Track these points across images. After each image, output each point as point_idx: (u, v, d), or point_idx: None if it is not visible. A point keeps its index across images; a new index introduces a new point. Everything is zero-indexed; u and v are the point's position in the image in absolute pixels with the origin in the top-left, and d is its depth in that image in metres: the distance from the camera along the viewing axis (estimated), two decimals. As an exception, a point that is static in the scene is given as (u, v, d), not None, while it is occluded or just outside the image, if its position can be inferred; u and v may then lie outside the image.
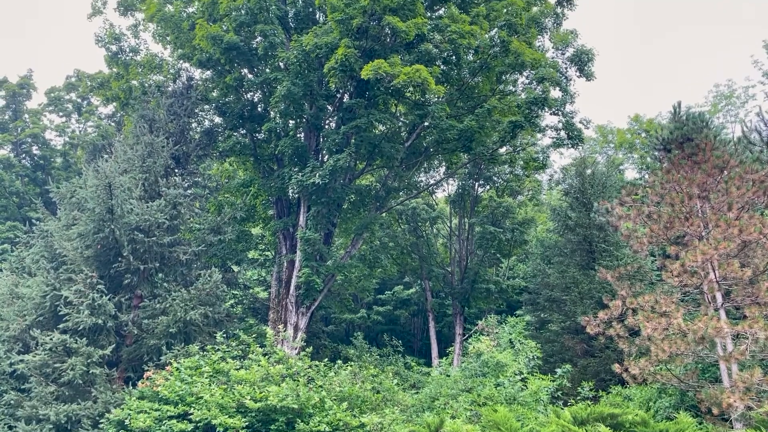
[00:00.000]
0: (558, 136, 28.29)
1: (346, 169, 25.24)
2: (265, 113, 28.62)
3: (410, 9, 22.94)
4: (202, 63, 26.50)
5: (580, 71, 27.38)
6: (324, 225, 27.27)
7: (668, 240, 16.10)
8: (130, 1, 30.06)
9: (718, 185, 15.52)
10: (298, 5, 27.10)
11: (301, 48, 23.71)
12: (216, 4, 25.29)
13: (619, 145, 51.57)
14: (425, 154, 30.27)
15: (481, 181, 39.77)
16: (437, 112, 24.57)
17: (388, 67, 21.63)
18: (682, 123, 16.18)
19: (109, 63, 30.44)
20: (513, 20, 25.61)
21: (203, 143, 26.95)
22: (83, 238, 20.21)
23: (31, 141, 48.36)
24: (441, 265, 41.17)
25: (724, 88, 46.67)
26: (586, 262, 28.20)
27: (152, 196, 22.57)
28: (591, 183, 29.48)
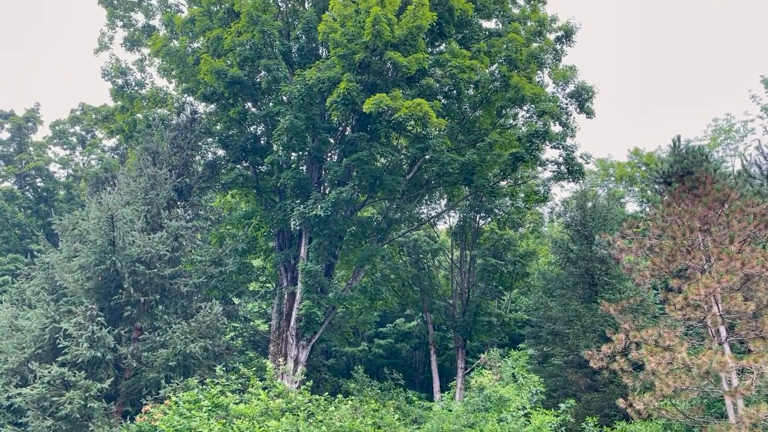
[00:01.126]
0: (559, 169, 28.43)
1: (348, 201, 25.33)
2: (267, 146, 28.87)
3: (411, 44, 23.32)
4: (206, 97, 26.84)
5: (580, 107, 27.62)
6: (325, 257, 27.24)
7: (670, 273, 16.05)
8: (137, 37, 30.62)
9: (719, 218, 15.54)
10: (301, 41, 27.55)
11: (304, 82, 24.03)
12: (221, 40, 25.72)
13: (619, 178, 51.78)
14: (426, 187, 30.41)
15: (482, 213, 39.83)
16: (438, 146, 24.76)
17: (390, 101, 21.89)
18: (681, 156, 16.29)
19: (115, 96, 30.84)
20: (513, 56, 26.00)
21: (206, 175, 27.10)
22: (84, 270, 20.19)
23: (35, 173, 48.68)
24: (443, 298, 40.96)
25: (723, 122, 47.08)
26: (588, 295, 28.06)
27: (154, 228, 22.62)
28: (592, 216, 29.51)
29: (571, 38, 29.01)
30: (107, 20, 30.72)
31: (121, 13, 30.77)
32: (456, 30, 26.65)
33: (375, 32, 22.20)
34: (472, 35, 27.37)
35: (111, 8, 30.58)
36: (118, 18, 30.79)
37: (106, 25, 30.75)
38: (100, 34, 30.63)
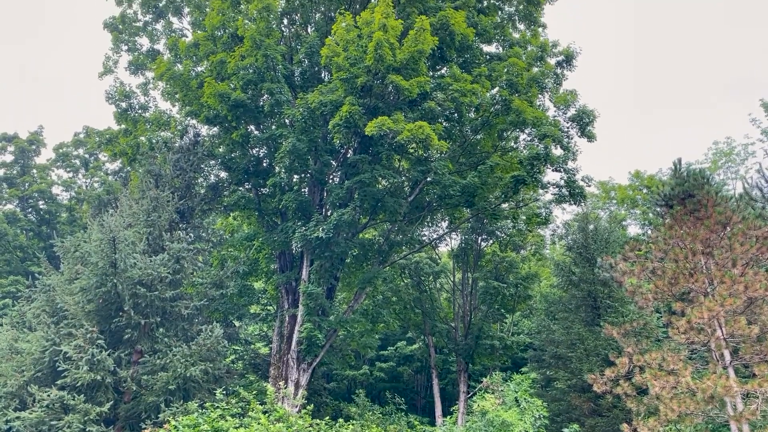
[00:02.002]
0: (560, 192, 28.47)
1: (349, 223, 25.35)
2: (270, 168, 28.98)
3: (413, 68, 23.53)
4: (210, 120, 27.02)
5: (581, 131, 27.74)
6: (327, 279, 27.17)
7: (673, 296, 15.99)
8: (141, 61, 30.95)
9: (721, 241, 15.52)
10: (304, 65, 27.82)
11: (307, 105, 24.21)
12: (224, 64, 25.98)
13: (620, 200, 51.81)
14: (428, 209, 30.44)
15: (484, 235, 39.80)
16: (440, 168, 24.84)
17: (392, 124, 22.02)
18: (683, 179, 16.33)
19: (118, 119, 31.06)
20: (514, 80, 26.21)
21: (208, 198, 27.16)
22: (85, 293, 20.15)
23: (38, 196, 48.86)
24: (444, 321, 40.75)
25: (724, 146, 47.22)
26: (591, 318, 27.92)
27: (156, 250, 22.62)
28: (594, 238, 29.50)
29: (572, 63, 29.26)
30: (112, 44, 31.08)
31: (126, 37, 31.14)
32: (457, 54, 26.90)
33: (377, 56, 22.42)
34: (473, 59, 27.62)
35: (116, 33, 30.96)
36: (123, 42, 31.15)
37: (111, 49, 31.11)
38: (105, 58, 30.98)
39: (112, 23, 30.97)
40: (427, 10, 25.65)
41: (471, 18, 26.84)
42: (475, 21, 27.18)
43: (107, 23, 31.02)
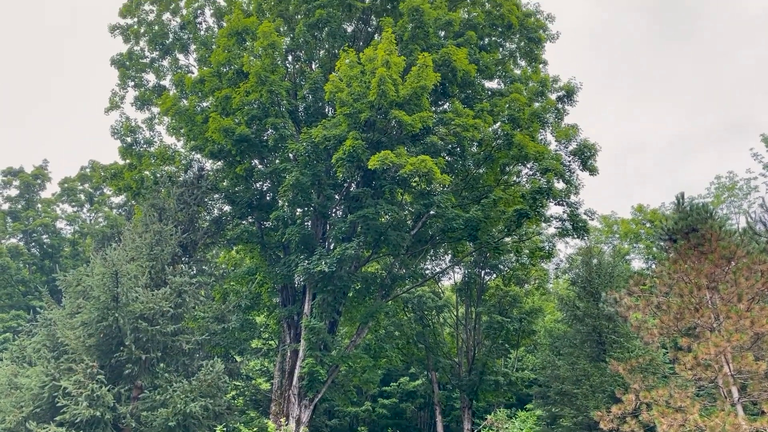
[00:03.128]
0: (563, 226, 28.46)
1: (352, 257, 25.31)
2: (273, 202, 29.08)
3: (416, 103, 23.79)
4: (214, 154, 27.24)
5: (583, 165, 27.86)
6: (329, 313, 27.01)
7: (679, 331, 15.83)
8: (147, 96, 31.37)
9: (726, 276, 15.43)
10: (308, 100, 28.15)
11: (311, 140, 24.41)
12: (229, 99, 26.31)
13: (624, 235, 51.71)
14: (431, 242, 30.41)
15: (487, 269, 39.64)
16: (443, 202, 24.91)
17: (395, 158, 22.16)
18: (686, 213, 16.32)
19: (123, 154, 31.33)
20: (516, 115, 26.46)
21: (211, 231, 27.19)
22: (86, 327, 20.03)
23: (42, 230, 49.00)
24: (448, 356, 40.32)
25: (726, 180, 47.31)
26: (596, 354, 27.59)
27: (158, 284, 22.56)
28: (598, 273, 29.36)
29: (573, 98, 29.54)
30: (119, 80, 31.55)
31: (133, 73, 31.62)
32: (459, 90, 27.22)
33: (380, 92, 22.69)
34: (475, 95, 27.94)
35: (123, 69, 31.46)
36: (129, 78, 31.62)
37: (118, 85, 31.57)
38: (112, 93, 31.43)
39: (120, 60, 31.48)
40: (429, 47, 26.05)
41: (473, 55, 27.24)
42: (477, 58, 27.59)
43: (115, 60, 31.54)
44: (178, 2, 31.44)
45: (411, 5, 25.46)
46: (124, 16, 31.43)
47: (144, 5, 31.34)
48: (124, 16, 31.45)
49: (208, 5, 32.02)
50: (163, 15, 31.42)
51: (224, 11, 31.20)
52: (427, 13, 25.64)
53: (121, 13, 31.39)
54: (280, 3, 27.57)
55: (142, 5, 31.31)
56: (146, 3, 31.33)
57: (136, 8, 31.26)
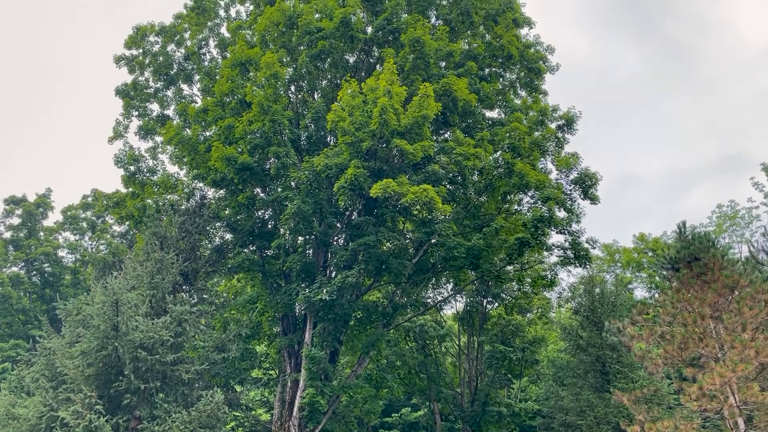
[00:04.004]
0: (565, 254, 28.40)
1: (353, 285, 25.22)
2: (274, 230, 29.10)
3: (417, 133, 23.96)
4: (216, 183, 27.37)
5: (584, 194, 27.92)
6: (330, 342, 26.80)
7: (684, 361, 15.67)
8: (151, 126, 31.67)
9: (730, 305, 15.34)
10: (310, 129, 28.38)
11: (312, 168, 24.54)
12: (232, 128, 26.53)
13: (626, 264, 51.54)
14: (433, 271, 30.31)
15: (489, 297, 39.40)
16: (444, 231, 24.90)
17: (396, 187, 22.23)
18: (688, 242, 16.30)
19: (126, 183, 31.49)
20: (516, 144, 26.63)
21: (213, 260, 27.16)
22: (85, 356, 19.88)
23: (44, 258, 48.98)
24: (450, 386, 39.88)
25: (728, 209, 47.31)
26: (600, 384, 27.31)
27: (158, 312, 22.45)
28: (600, 302, 29.23)
29: (572, 126, 29.73)
30: (123, 110, 31.91)
31: (137, 103, 31.98)
32: (460, 119, 27.44)
33: (382, 121, 22.89)
34: (475, 124, 28.15)
35: (128, 99, 31.83)
36: (134, 108, 31.97)
37: (122, 114, 31.93)
38: (116, 123, 31.76)
39: (125, 90, 31.87)
40: (430, 77, 26.35)
41: (473, 85, 27.53)
42: (478, 87, 27.88)
43: (119, 90, 31.93)
44: (183, 34, 31.97)
45: (412, 37, 25.83)
46: (129, 47, 31.91)
47: (149, 37, 31.85)
48: (130, 47, 31.93)
49: (213, 37, 32.56)
50: (167, 46, 31.91)
51: (228, 42, 31.69)
52: (428, 44, 26.00)
53: (126, 45, 31.87)
54: (284, 34, 27.98)
55: (147, 37, 31.82)
56: (152, 35, 31.85)
57: (141, 40, 31.75)
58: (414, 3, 28.65)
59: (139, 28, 31.84)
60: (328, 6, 27.39)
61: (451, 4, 29.33)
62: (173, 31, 31.89)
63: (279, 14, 27.24)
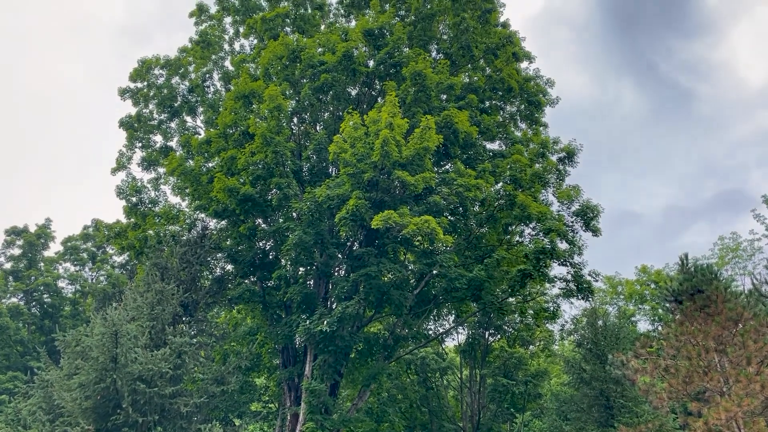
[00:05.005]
0: (567, 286, 28.27)
1: (354, 316, 25.06)
2: (275, 261, 29.05)
3: (419, 164, 24.10)
4: (218, 213, 27.43)
5: (585, 225, 27.90)
6: (330, 375, 26.51)
7: (689, 395, 15.46)
8: (154, 157, 31.90)
9: (734, 338, 15.20)
10: (312, 160, 28.56)
11: (314, 199, 24.62)
12: (235, 160, 26.71)
13: (629, 296, 51.24)
14: (434, 302, 30.15)
15: (491, 330, 39.09)
16: (446, 262, 24.84)
17: (398, 218, 22.26)
18: (690, 274, 16.24)
19: (128, 213, 31.58)
20: (517, 175, 26.74)
21: (213, 291, 27.06)
22: (83, 389, 19.65)
23: (43, 289, 48.80)
24: (452, 420, 39.30)
25: (729, 241, 47.21)
26: (604, 419, 26.91)
27: (158, 344, 22.28)
28: (603, 334, 28.99)
29: (573, 159, 29.83)
30: (126, 142, 32.19)
31: (140, 135, 32.27)
32: (461, 151, 27.63)
33: (384, 153, 23.04)
34: (476, 156, 28.32)
35: (131, 131, 32.13)
36: (137, 140, 32.25)
37: (125, 146, 32.19)
38: (119, 154, 32.00)
39: (128, 122, 32.20)
40: (431, 109, 26.61)
41: (474, 117, 27.78)
42: (478, 120, 28.12)
43: (123, 122, 32.26)
44: (188, 67, 32.42)
45: (414, 70, 26.16)
46: (134, 80, 32.35)
47: (154, 70, 32.31)
48: (134, 80, 32.37)
49: (217, 70, 33.02)
50: (172, 79, 32.34)
51: (232, 75, 32.11)
52: (429, 77, 26.32)
53: (131, 77, 32.31)
54: (287, 68, 28.37)
55: (152, 69, 32.27)
56: (156, 68, 32.31)
57: (146, 72, 32.20)
58: (415, 37, 29.10)
59: (144, 62, 32.31)
60: (330, 40, 27.82)
61: (452, 38, 29.77)
62: (178, 65, 32.35)
63: (282, 48, 27.66)
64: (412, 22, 29.30)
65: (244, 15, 32.49)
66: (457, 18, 28.58)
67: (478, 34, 29.30)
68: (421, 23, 29.08)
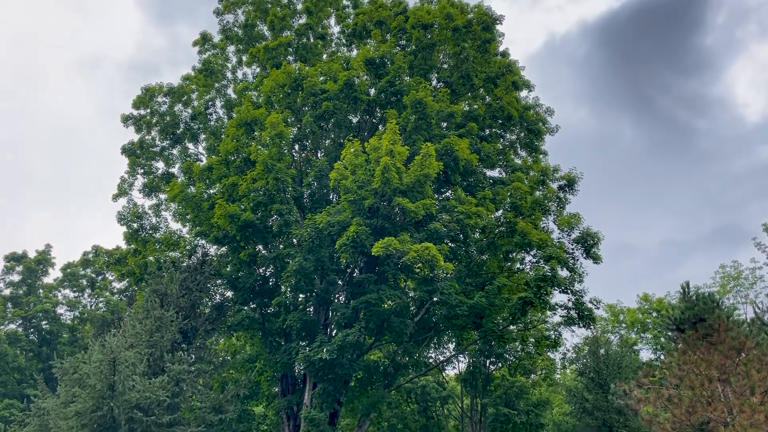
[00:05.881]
0: (568, 314, 28.10)
1: (354, 344, 24.88)
2: (275, 287, 28.95)
3: (419, 191, 24.17)
4: (219, 240, 27.43)
5: (586, 253, 27.86)
6: (330, 404, 26.21)
7: (692, 426, 15.26)
8: (156, 184, 32.03)
9: (737, 368, 15.07)
10: (313, 187, 28.65)
11: (315, 226, 24.65)
12: (236, 186, 26.81)
13: (630, 324, 50.93)
14: (435, 330, 29.96)
15: (492, 358, 38.75)
16: (446, 289, 24.75)
17: (398, 245, 22.25)
18: (692, 303, 16.16)
19: (129, 240, 31.59)
20: (517, 203, 26.81)
21: (212, 317, 26.93)
22: (80, 417, 19.44)
23: (42, 315, 48.52)
24: (453, 451, 38.74)
25: (731, 270, 47.02)
26: (607, 450, 26.50)
27: (156, 371, 22.09)
28: (606, 363, 28.75)
29: (574, 187, 29.93)
30: (129, 168, 32.34)
31: (142, 161, 32.44)
32: (462, 178, 27.73)
33: (384, 180, 23.13)
34: (477, 183, 28.42)
35: (134, 157, 32.31)
36: (139, 166, 32.42)
37: (127, 172, 32.34)
38: (121, 180, 32.13)
39: (131, 148, 32.40)
40: (432, 137, 26.79)
41: (474, 144, 27.94)
42: (478, 147, 28.29)
43: (126, 148, 32.46)
44: (191, 95, 32.75)
45: (414, 98, 26.41)
46: (137, 107, 32.65)
47: (157, 97, 32.64)
48: (138, 107, 32.67)
49: (219, 97, 33.35)
50: (175, 106, 32.65)
51: (234, 103, 32.41)
52: (429, 105, 26.55)
53: (134, 104, 32.62)
54: (289, 96, 28.65)
55: (155, 97, 32.60)
56: (160, 95, 32.64)
57: (149, 100, 32.52)
58: (416, 66, 29.44)
59: (147, 89, 32.66)
60: (332, 69, 28.14)
61: (452, 67, 30.12)
62: (181, 92, 32.68)
63: (285, 76, 27.97)
64: (413, 52, 29.67)
65: (247, 44, 32.94)
66: (457, 48, 28.95)
67: (478, 63, 29.66)
68: (422, 53, 29.44)
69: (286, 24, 32.24)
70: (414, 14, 29.23)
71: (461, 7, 30.04)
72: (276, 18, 31.63)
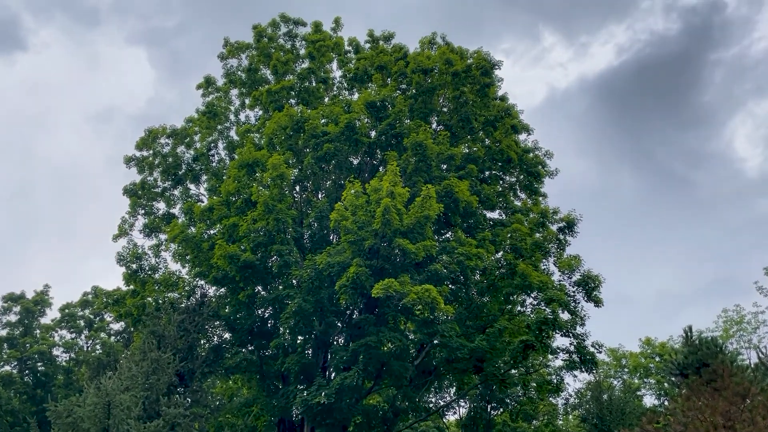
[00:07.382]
0: (570, 358, 27.78)
1: (353, 387, 24.50)
2: (274, 329, 28.69)
3: (419, 232, 24.19)
4: (218, 280, 27.32)
5: (587, 296, 27.73)
6: (328, 451, 25.68)
7: (699, 474, 14.90)
8: (156, 224, 32.06)
9: (742, 414, 14.80)
10: (313, 228, 28.69)
11: (314, 266, 24.58)
12: (236, 227, 26.84)
13: (633, 369, 50.24)
14: (435, 373, 29.56)
15: (493, 403, 38.10)
16: (447, 331, 24.53)
17: (398, 286, 22.15)
18: (695, 347, 16.01)
19: (128, 280, 31.44)
20: (518, 244, 26.79)
21: (210, 359, 26.62)
22: (72, 462, 19.03)
23: (38, 357, 47.87)
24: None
25: (733, 314, 46.63)
26: (612, 499, 25.81)
27: (151, 415, 21.71)
28: (609, 409, 28.29)
29: (573, 229, 29.96)
30: (130, 208, 32.41)
31: (144, 202, 32.55)
32: (462, 219, 27.79)
33: (385, 221, 23.17)
34: (477, 225, 28.46)
35: (135, 198, 32.44)
36: (140, 206, 32.51)
37: (128, 213, 32.39)
38: (121, 221, 32.15)
39: (132, 189, 32.55)
40: (432, 179, 26.96)
41: (474, 186, 28.09)
42: (478, 189, 28.42)
43: (127, 189, 32.60)
44: (193, 136, 33.09)
45: (414, 141, 26.69)
46: (140, 148, 32.94)
47: (160, 139, 32.97)
48: (140, 149, 32.95)
49: (222, 139, 33.68)
50: (177, 147, 32.93)
51: (236, 144, 32.72)
52: (429, 148, 26.81)
53: (137, 146, 32.92)
54: (290, 138, 28.97)
55: (158, 138, 32.92)
56: (162, 137, 32.97)
57: (152, 141, 32.83)
58: (416, 109, 29.84)
59: (150, 131, 33.02)
60: (334, 112, 28.52)
61: (452, 111, 30.52)
62: (184, 134, 33.02)
63: (287, 119, 28.33)
64: (413, 95, 30.10)
65: (250, 87, 33.43)
66: (456, 92, 29.40)
67: (478, 107, 30.07)
68: (422, 96, 29.87)
69: (289, 68, 32.78)
70: (414, 59, 29.77)
71: (461, 52, 30.58)
72: (279, 62, 32.18)
